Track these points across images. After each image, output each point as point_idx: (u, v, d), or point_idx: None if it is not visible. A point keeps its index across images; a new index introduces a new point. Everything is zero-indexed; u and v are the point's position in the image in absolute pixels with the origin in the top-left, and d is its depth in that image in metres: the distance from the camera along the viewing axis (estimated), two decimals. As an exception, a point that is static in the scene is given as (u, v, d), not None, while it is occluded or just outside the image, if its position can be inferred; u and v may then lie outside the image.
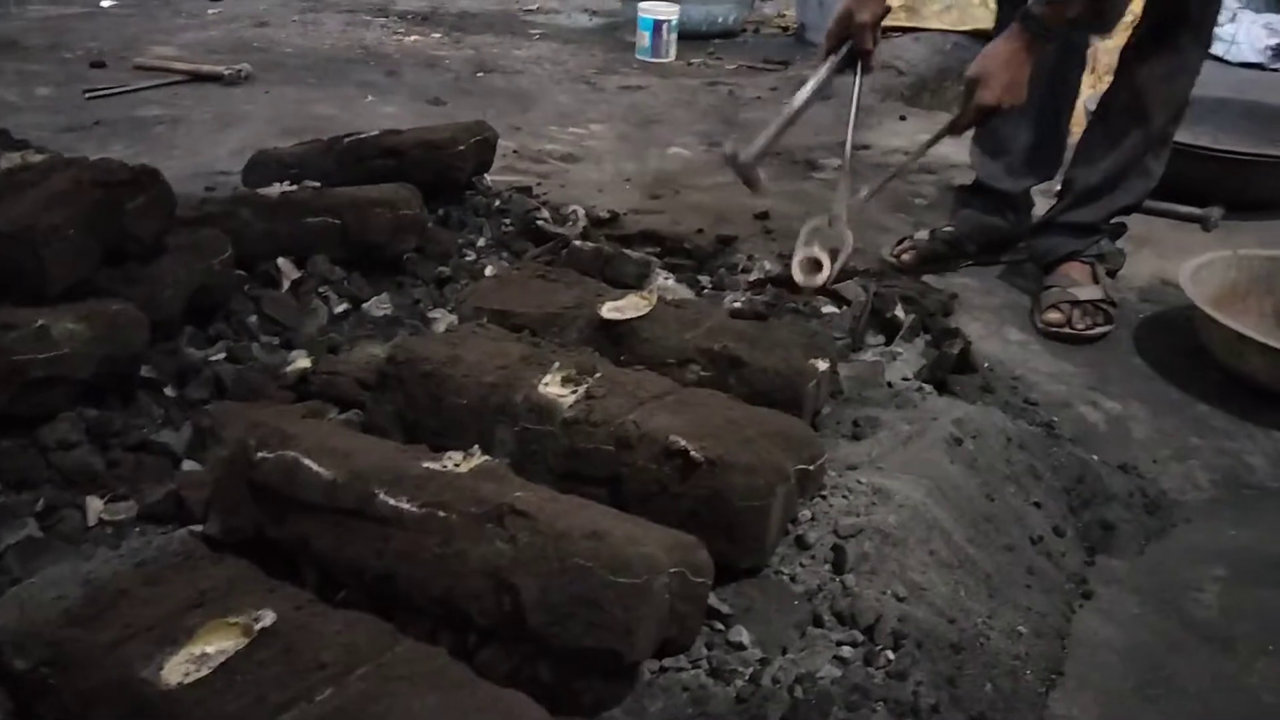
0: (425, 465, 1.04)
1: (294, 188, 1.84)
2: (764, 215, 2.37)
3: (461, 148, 2.08)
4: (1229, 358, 1.70)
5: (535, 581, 0.89)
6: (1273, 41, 5.18)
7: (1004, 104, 1.65)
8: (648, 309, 1.42)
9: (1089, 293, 1.90)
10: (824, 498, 1.19)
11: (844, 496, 1.19)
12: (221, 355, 1.56)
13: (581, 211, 2.22)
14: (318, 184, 1.88)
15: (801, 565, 1.11)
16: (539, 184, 2.52)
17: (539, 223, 2.12)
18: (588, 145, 2.89)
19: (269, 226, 1.76)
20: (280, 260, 1.73)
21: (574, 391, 1.20)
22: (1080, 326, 1.85)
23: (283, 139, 2.76)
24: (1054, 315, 1.86)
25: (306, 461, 1.05)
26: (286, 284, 1.72)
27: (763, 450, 1.11)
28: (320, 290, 1.73)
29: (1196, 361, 1.77)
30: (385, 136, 2.11)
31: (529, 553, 0.91)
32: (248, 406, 1.37)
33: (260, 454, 1.08)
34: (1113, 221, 2.04)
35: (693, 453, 1.08)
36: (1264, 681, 1.14)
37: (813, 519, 1.16)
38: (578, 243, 1.81)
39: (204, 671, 0.83)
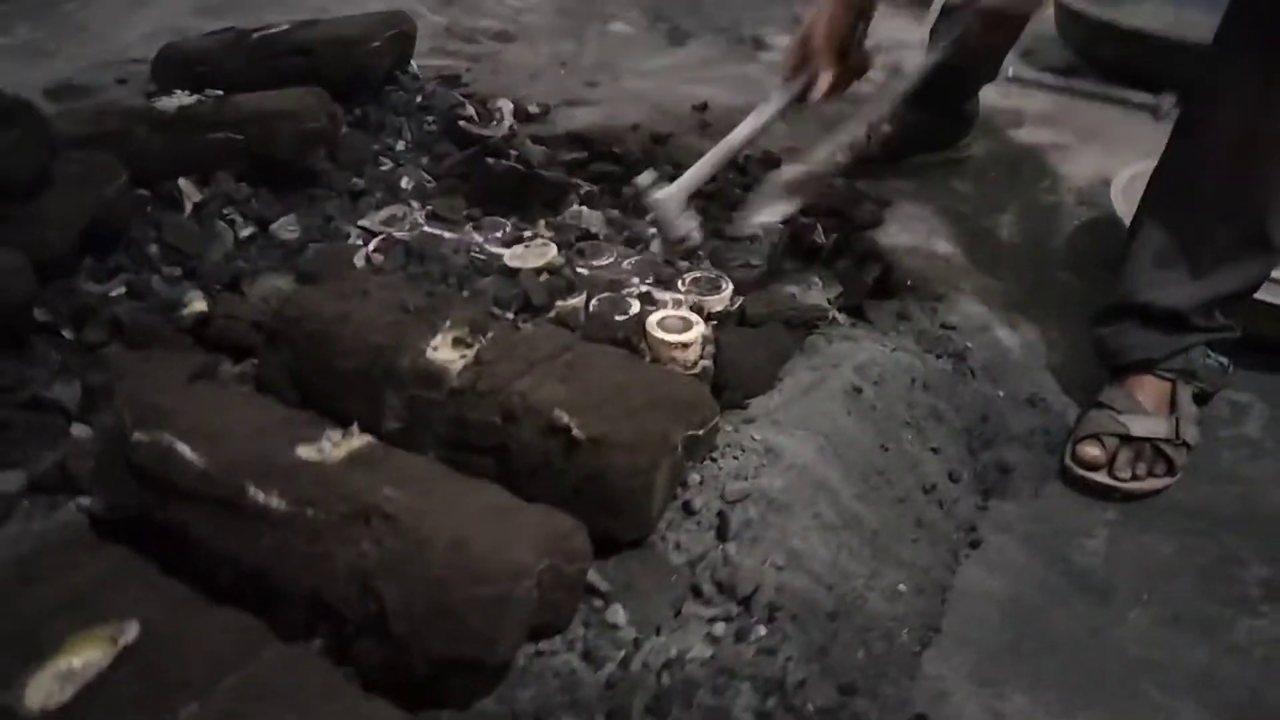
0: (299, 452, 1.03)
1: (193, 99, 1.75)
2: (703, 107, 2.28)
3: (376, 44, 1.98)
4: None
5: (398, 590, 0.90)
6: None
7: (1010, 6, 1.29)
8: (550, 256, 1.38)
9: (1150, 427, 1.36)
10: (714, 460, 1.19)
11: (734, 457, 1.19)
12: (122, 290, 1.52)
13: (509, 108, 2.13)
14: (220, 92, 1.79)
15: (687, 532, 1.12)
16: (469, 69, 2.41)
17: (462, 123, 2.04)
18: (524, 21, 2.75)
19: (168, 143, 1.69)
20: (182, 181, 1.67)
21: (463, 356, 1.18)
22: (1123, 475, 1.35)
23: (200, 19, 2.63)
24: (1090, 451, 1.36)
25: (180, 447, 1.04)
26: (189, 206, 1.66)
27: (648, 421, 1.10)
28: (225, 212, 1.67)
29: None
30: (296, 31, 2.00)
31: (393, 558, 0.91)
32: (142, 358, 1.34)
33: (136, 434, 1.07)
34: (1219, 320, 1.42)
35: (574, 431, 1.07)
36: (1134, 633, 1.18)
37: (701, 483, 1.16)
38: (490, 160, 1.74)
39: (68, 693, 0.84)
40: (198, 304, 1.42)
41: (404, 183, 1.82)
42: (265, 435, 1.07)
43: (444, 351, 1.19)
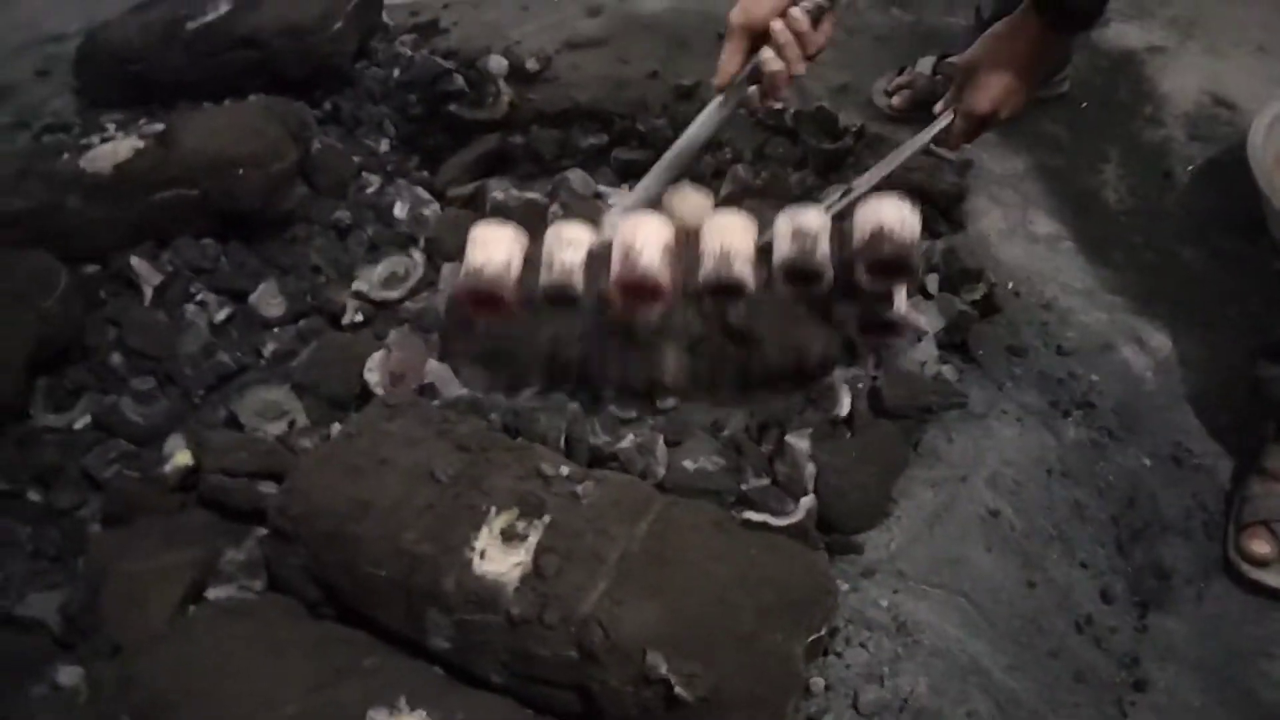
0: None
1: (128, 142, 1.42)
2: (729, 36, 1.92)
3: (337, 26, 1.62)
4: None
5: None
6: None
7: (1001, 114, 1.15)
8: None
9: None
10: (839, 655, 0.98)
11: (861, 644, 0.99)
12: (87, 419, 1.28)
13: (502, 68, 1.78)
14: (159, 126, 1.46)
15: (818, 759, 0.93)
16: (445, 6, 2.03)
17: (453, 107, 1.71)
18: (501, -78, 2.31)
19: (109, 212, 1.39)
20: (134, 261, 1.38)
21: (519, 560, 0.95)
22: None
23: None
24: (1259, 548, 1.14)
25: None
26: (149, 291, 1.38)
27: (765, 647, 0.89)
28: (192, 291, 1.39)
29: (1263, 247, 1.47)
30: (237, 16, 1.64)
31: None
32: (125, 543, 1.11)
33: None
34: None
35: (678, 689, 0.86)
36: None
37: (827, 688, 0.96)
38: (499, 195, 1.43)
39: None
40: (181, 456, 1.17)
41: (397, 209, 1.52)
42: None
43: (494, 556, 0.96)
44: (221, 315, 1.38)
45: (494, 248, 1.06)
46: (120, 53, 1.69)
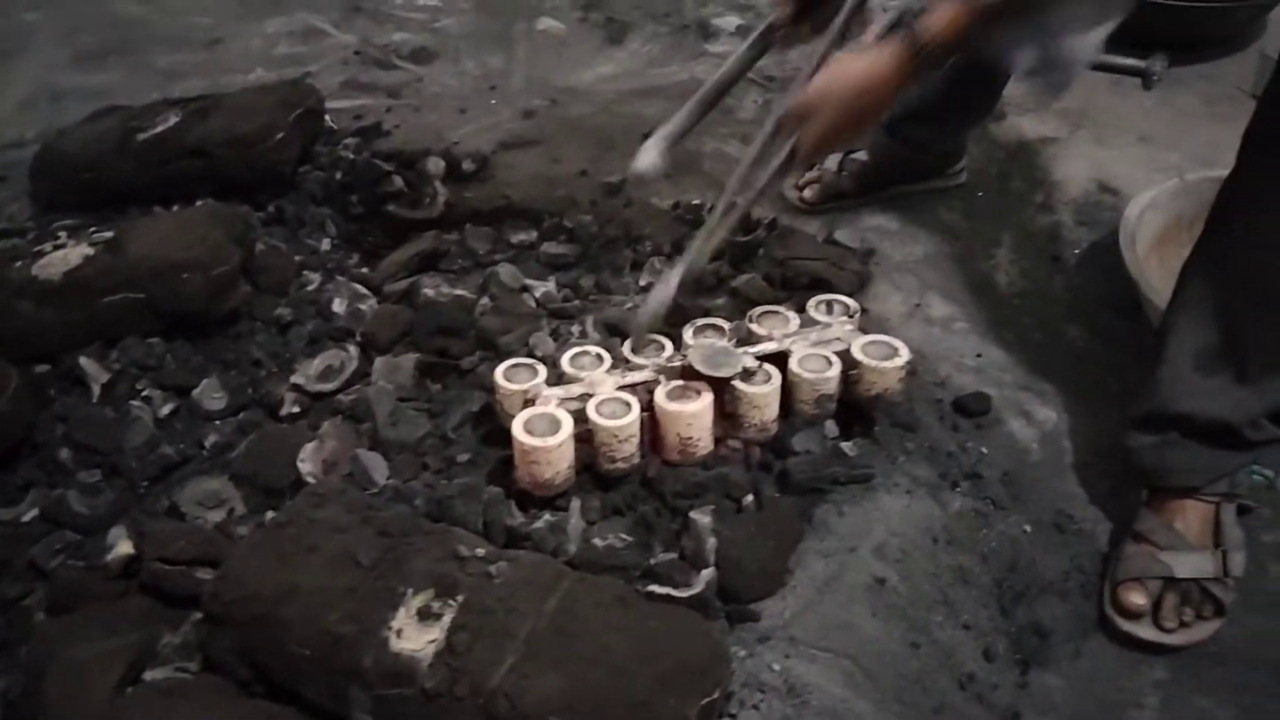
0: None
1: (79, 249, 1.52)
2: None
3: (280, 136, 1.74)
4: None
5: None
6: None
7: (837, 148, 1.20)
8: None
9: (1195, 565, 1.24)
10: (733, 716, 1.06)
11: (755, 706, 1.06)
12: (35, 512, 1.35)
13: (439, 169, 1.90)
14: (109, 234, 1.56)
15: (712, 820, 1.00)
16: (389, 110, 2.15)
17: (392, 207, 1.82)
18: (442, 29, 2.46)
19: (59, 316, 1.47)
20: (83, 361, 1.46)
21: (433, 638, 1.03)
22: (1170, 625, 1.22)
23: (80, 69, 2.35)
24: (1133, 599, 1.24)
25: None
26: (97, 389, 1.46)
27: (659, 718, 0.97)
28: (138, 388, 1.47)
29: (1141, 324, 1.59)
30: (186, 126, 1.75)
31: None
32: (68, 630, 1.17)
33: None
34: (1270, 430, 1.27)
35: (575, 753, 0.93)
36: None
37: (721, 751, 1.04)
38: (429, 291, 1.53)
39: None
40: (123, 546, 1.24)
41: (336, 305, 1.62)
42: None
43: (410, 634, 1.03)
44: (166, 410, 1.46)
45: (558, 459, 1.21)
46: (75, 161, 1.79)
